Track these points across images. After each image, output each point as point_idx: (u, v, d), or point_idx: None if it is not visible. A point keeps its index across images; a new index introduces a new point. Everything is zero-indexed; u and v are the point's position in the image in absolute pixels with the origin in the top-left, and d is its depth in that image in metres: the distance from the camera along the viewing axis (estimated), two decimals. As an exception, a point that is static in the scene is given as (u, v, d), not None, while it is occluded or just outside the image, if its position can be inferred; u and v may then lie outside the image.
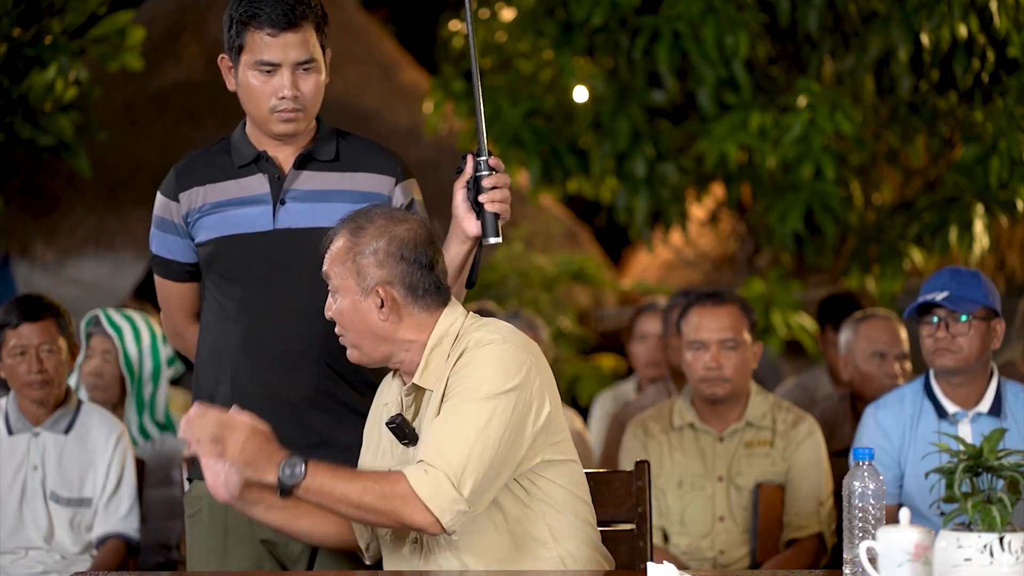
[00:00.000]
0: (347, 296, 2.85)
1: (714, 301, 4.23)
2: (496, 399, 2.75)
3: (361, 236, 2.85)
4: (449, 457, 2.70)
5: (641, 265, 10.79)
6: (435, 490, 2.69)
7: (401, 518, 2.71)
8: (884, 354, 4.84)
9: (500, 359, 2.79)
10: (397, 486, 2.70)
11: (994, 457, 2.44)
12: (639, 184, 6.58)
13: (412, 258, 2.84)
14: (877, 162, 6.94)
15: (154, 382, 4.76)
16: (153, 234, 3.30)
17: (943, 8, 6.16)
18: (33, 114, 5.89)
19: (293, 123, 3.15)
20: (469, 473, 2.70)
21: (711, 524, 4.17)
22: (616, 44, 6.60)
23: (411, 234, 2.86)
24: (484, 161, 3.07)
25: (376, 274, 2.83)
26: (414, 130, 8.86)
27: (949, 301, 3.79)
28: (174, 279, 3.32)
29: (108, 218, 8.88)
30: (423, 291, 2.85)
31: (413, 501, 2.69)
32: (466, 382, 2.78)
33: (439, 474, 2.69)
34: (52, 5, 5.86)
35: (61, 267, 8.82)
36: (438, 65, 7.72)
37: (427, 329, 2.86)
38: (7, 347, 4.14)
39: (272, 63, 3.12)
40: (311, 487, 2.70)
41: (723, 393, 4.19)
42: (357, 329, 2.86)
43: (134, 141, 9.17)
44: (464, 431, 2.72)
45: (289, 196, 3.18)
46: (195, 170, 3.25)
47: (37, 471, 4.16)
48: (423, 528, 2.72)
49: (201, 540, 3.23)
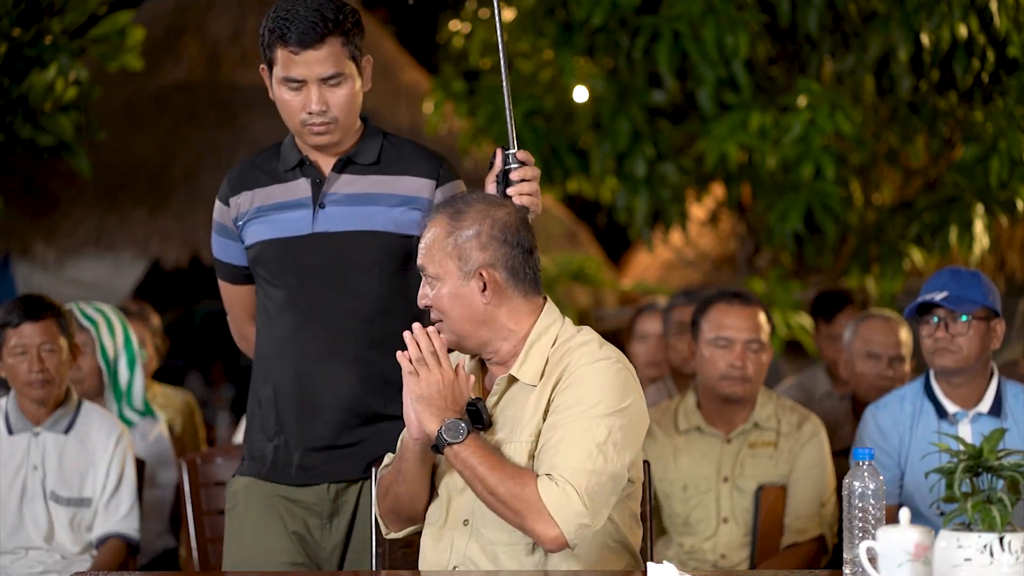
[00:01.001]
0: (448, 281, 2.85)
1: (741, 301, 4.19)
2: (613, 416, 2.79)
3: (462, 220, 2.85)
4: (576, 471, 2.74)
5: (641, 265, 10.79)
6: (563, 503, 2.72)
7: (526, 523, 2.75)
8: (878, 355, 4.84)
9: (616, 377, 2.83)
10: (527, 489, 2.74)
11: (994, 457, 2.44)
12: (639, 184, 6.58)
13: (515, 241, 2.86)
14: (877, 162, 6.95)
15: (130, 370, 4.82)
16: (213, 238, 3.38)
17: (943, 8, 6.16)
18: (33, 114, 5.89)
19: (326, 135, 3.19)
20: (593, 489, 2.73)
21: (715, 526, 4.15)
22: (616, 44, 6.60)
23: (512, 218, 2.87)
24: (512, 155, 3.08)
25: (480, 257, 2.84)
26: (414, 130, 8.86)
27: (948, 301, 3.79)
28: (232, 281, 3.39)
29: (108, 218, 8.88)
30: (524, 275, 2.87)
31: (539, 511, 2.72)
32: (583, 396, 2.81)
33: (569, 488, 2.73)
34: (52, 5, 5.85)
35: (61, 267, 8.82)
36: (438, 65, 7.71)
37: (525, 320, 2.88)
38: (8, 346, 4.14)
39: (297, 80, 3.15)
40: (460, 454, 2.77)
41: (742, 393, 4.16)
42: (459, 314, 2.86)
43: (134, 141, 9.16)
44: (587, 446, 2.76)
45: (328, 200, 3.22)
46: (245, 176, 3.31)
47: (37, 471, 4.16)
48: (544, 540, 2.74)
49: (236, 533, 3.30)
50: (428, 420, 2.79)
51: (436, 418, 2.78)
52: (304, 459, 3.23)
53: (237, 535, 3.30)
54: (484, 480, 2.76)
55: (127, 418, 4.78)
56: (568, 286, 9.27)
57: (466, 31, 7.19)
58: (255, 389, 3.32)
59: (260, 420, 3.30)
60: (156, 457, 4.75)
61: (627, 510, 2.93)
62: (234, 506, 3.32)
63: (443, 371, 2.80)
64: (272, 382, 3.25)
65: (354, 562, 3.23)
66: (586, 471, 2.74)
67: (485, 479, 2.76)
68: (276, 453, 3.26)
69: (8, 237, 8.68)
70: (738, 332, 4.14)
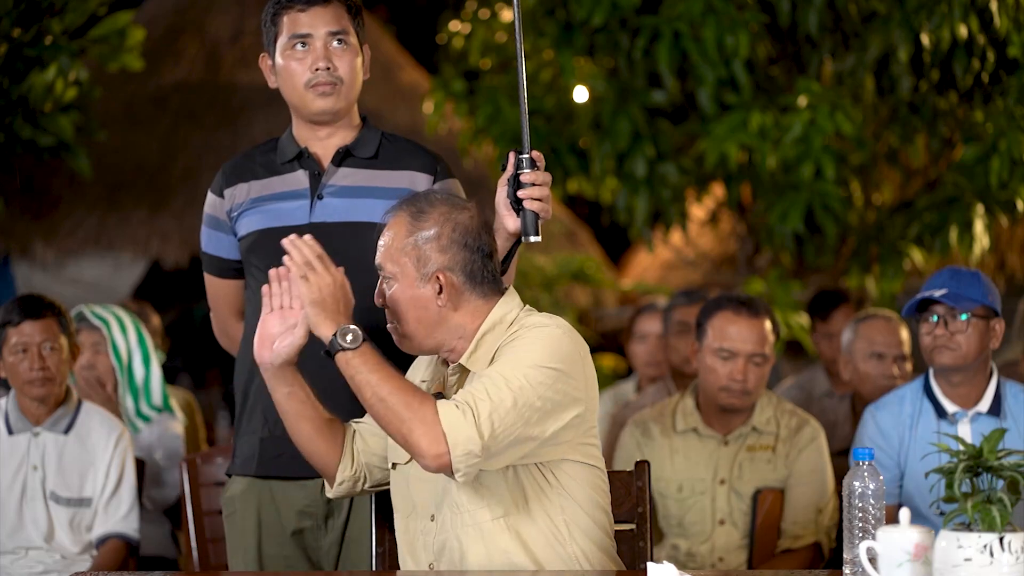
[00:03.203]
0: (404, 282, 2.83)
1: (749, 311, 4.12)
2: (538, 369, 2.74)
3: (423, 220, 2.84)
4: (479, 399, 2.68)
5: (641, 265, 10.79)
6: (457, 422, 2.66)
7: (412, 436, 2.68)
8: (882, 355, 4.84)
9: (551, 340, 2.78)
10: (424, 407, 2.68)
11: (994, 457, 2.44)
12: (639, 184, 6.58)
13: (475, 246, 2.84)
14: (877, 162, 6.94)
15: (146, 366, 4.81)
16: (203, 231, 3.38)
17: (943, 8, 6.16)
18: (33, 114, 5.89)
19: (331, 96, 3.21)
20: (494, 421, 2.67)
21: (711, 528, 4.14)
22: (616, 44, 6.60)
23: (473, 221, 2.86)
24: (526, 158, 3.05)
25: (438, 259, 2.82)
26: (414, 130, 8.85)
27: (948, 298, 3.79)
28: (220, 275, 3.40)
29: (108, 218, 8.88)
30: (481, 279, 2.85)
31: (432, 426, 2.66)
32: (512, 352, 2.77)
33: (467, 410, 2.67)
34: (52, 6, 5.85)
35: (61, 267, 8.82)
36: (438, 65, 7.71)
37: (481, 316, 2.85)
38: (8, 345, 4.15)
39: (304, 34, 3.18)
40: (353, 361, 2.72)
41: (740, 405, 4.14)
42: (412, 316, 2.84)
43: (134, 141, 9.17)
44: (499, 385, 2.71)
45: (327, 191, 3.24)
46: (241, 168, 3.32)
47: (37, 471, 4.16)
48: (430, 457, 2.67)
49: (237, 539, 3.31)
50: (322, 324, 2.76)
51: (331, 322, 2.75)
52: (293, 451, 3.23)
53: (239, 546, 3.30)
54: (377, 388, 2.70)
55: (144, 414, 4.78)
56: (568, 286, 9.27)
57: (466, 31, 7.19)
58: (240, 382, 3.32)
59: (247, 413, 3.31)
60: (168, 454, 4.74)
61: (593, 501, 2.88)
62: (231, 514, 3.33)
63: (332, 274, 2.79)
64: (260, 375, 3.23)
65: (350, 561, 3.23)
66: (490, 404, 2.68)
67: (379, 386, 2.70)
68: (263, 445, 3.26)
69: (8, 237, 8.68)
70: (742, 344, 4.10)
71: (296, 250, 2.80)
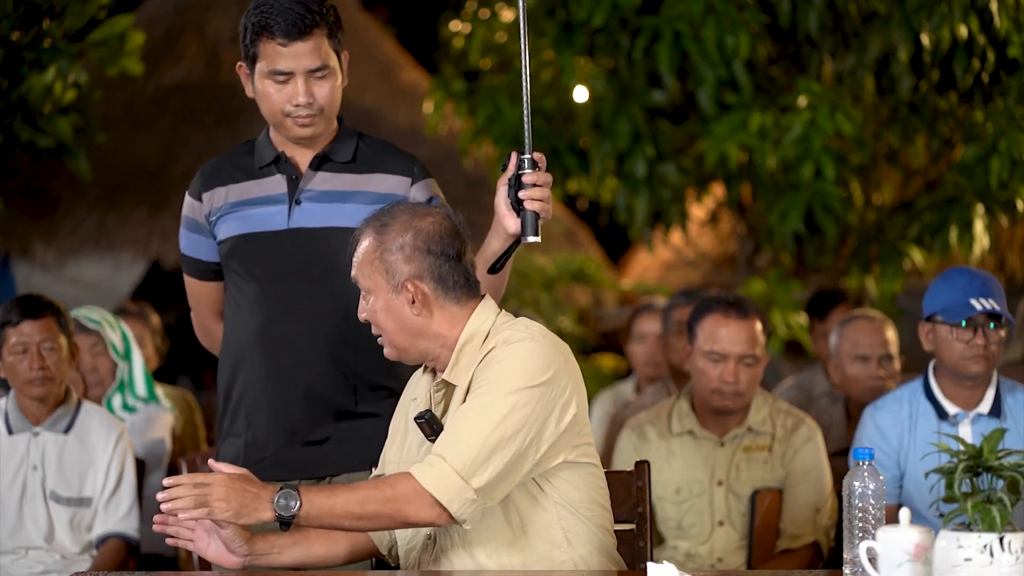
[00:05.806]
0: (379, 295, 2.86)
1: (738, 313, 4.10)
2: (518, 394, 2.75)
3: (387, 233, 2.86)
4: (459, 448, 2.70)
5: (641, 265, 10.80)
6: (440, 480, 2.68)
7: (407, 517, 2.71)
8: (866, 357, 4.83)
9: (528, 356, 2.79)
10: (400, 486, 2.70)
11: (994, 457, 2.44)
12: (639, 184, 6.58)
13: (439, 251, 2.85)
14: (877, 162, 6.94)
15: (128, 359, 4.86)
16: (182, 233, 3.41)
17: (943, 8, 6.16)
18: (32, 116, 5.88)
19: (310, 127, 3.21)
20: (480, 464, 2.69)
21: (710, 529, 4.13)
22: (616, 44, 6.60)
23: (436, 227, 2.86)
24: (527, 159, 3.06)
25: (405, 269, 2.84)
26: (414, 130, 8.85)
27: (996, 311, 3.75)
28: (200, 277, 3.42)
29: (108, 218, 8.89)
30: (452, 283, 2.86)
31: (419, 496, 2.69)
32: (490, 377, 2.78)
33: (444, 466, 2.69)
34: (52, 8, 5.85)
35: (61, 267, 8.83)
36: (438, 65, 7.71)
37: (459, 324, 2.86)
38: (8, 344, 4.15)
39: (285, 72, 3.17)
40: (310, 512, 2.69)
41: (733, 407, 4.14)
42: (392, 327, 2.86)
43: (134, 142, 9.18)
44: (479, 424, 2.72)
45: (305, 196, 3.25)
46: (219, 171, 3.33)
47: (37, 471, 4.16)
48: (431, 521, 2.71)
49: None
50: (253, 511, 2.67)
51: (257, 503, 2.68)
52: (275, 454, 3.24)
53: None
54: (348, 511, 2.69)
55: (129, 405, 4.82)
56: (568, 286, 9.28)
57: (466, 31, 7.20)
58: (223, 385, 3.32)
59: (230, 415, 3.31)
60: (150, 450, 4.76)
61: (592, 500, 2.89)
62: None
63: (215, 478, 2.69)
64: (242, 377, 3.26)
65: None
66: (472, 448, 2.69)
67: (348, 509, 2.69)
68: (247, 449, 3.27)
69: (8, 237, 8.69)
70: (732, 346, 4.09)
71: (178, 492, 2.66)
